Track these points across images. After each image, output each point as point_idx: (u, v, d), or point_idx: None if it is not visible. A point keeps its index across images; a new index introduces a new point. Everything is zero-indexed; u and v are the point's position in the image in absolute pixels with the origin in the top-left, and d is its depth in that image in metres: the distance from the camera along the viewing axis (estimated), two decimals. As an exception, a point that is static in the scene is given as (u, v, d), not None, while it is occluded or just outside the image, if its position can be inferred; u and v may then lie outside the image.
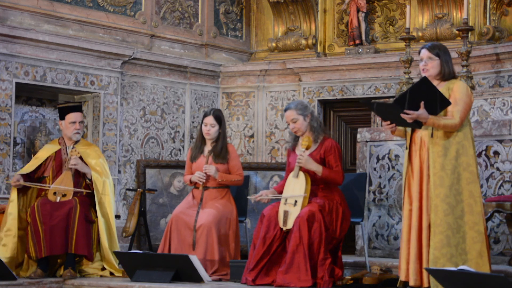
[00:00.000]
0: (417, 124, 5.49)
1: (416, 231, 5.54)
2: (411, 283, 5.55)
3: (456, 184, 5.49)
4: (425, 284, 5.48)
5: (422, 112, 5.41)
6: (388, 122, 5.62)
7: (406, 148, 5.70)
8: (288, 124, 6.55)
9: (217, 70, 9.70)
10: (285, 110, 6.55)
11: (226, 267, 6.72)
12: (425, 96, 5.42)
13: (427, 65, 5.63)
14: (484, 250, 5.48)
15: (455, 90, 5.55)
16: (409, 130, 5.70)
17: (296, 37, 9.62)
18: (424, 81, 5.44)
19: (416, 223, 5.55)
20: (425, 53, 5.66)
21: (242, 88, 9.75)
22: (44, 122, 8.60)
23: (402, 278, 5.64)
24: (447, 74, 5.64)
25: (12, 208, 6.88)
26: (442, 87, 5.59)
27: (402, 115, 5.41)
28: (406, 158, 5.68)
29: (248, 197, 6.91)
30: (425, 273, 5.47)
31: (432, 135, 5.54)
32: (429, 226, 5.49)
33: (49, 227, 6.75)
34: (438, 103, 5.44)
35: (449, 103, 5.47)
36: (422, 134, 5.61)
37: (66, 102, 8.07)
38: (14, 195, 6.92)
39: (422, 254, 5.52)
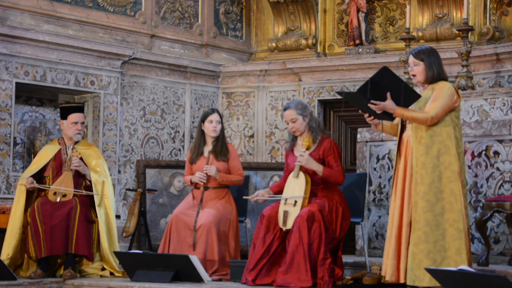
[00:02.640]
0: (387, 116, 5.55)
1: (396, 228, 5.68)
2: (387, 278, 5.70)
3: (437, 182, 5.60)
4: (402, 280, 5.61)
5: (388, 102, 5.51)
6: (367, 115, 5.69)
7: (397, 147, 5.82)
8: (287, 124, 6.54)
9: (217, 70, 9.70)
10: (285, 109, 6.54)
11: (226, 267, 6.73)
12: (390, 87, 5.47)
13: (413, 71, 5.76)
14: (463, 247, 5.56)
15: (437, 89, 5.67)
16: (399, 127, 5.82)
17: (296, 37, 9.62)
18: (384, 70, 5.50)
19: (397, 220, 5.69)
20: (411, 59, 5.77)
21: (242, 88, 9.75)
22: (44, 122, 8.60)
23: (383, 273, 5.80)
24: (430, 77, 5.73)
25: (18, 208, 6.88)
26: (428, 89, 5.72)
27: (370, 105, 5.48)
28: (396, 157, 5.80)
29: (244, 197, 6.91)
30: (402, 270, 5.60)
31: (405, 125, 5.64)
32: (409, 223, 5.61)
33: (50, 227, 6.74)
34: (402, 94, 5.47)
35: (418, 96, 5.57)
36: (408, 133, 5.73)
37: (68, 102, 8.07)
38: (23, 196, 6.91)
39: (401, 251, 5.63)
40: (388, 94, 5.48)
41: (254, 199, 6.58)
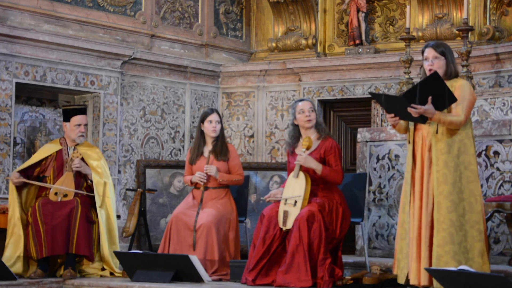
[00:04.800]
0: (421, 119, 5.48)
1: (417, 230, 5.55)
2: (412, 281, 5.56)
3: (458, 182, 5.49)
4: (423, 283, 5.48)
5: (429, 107, 5.39)
6: (392, 115, 5.59)
7: (409, 143, 5.68)
8: (299, 114, 6.47)
9: (217, 70, 9.70)
10: (300, 101, 6.54)
11: (226, 267, 6.73)
12: (434, 92, 5.40)
13: (434, 65, 5.59)
14: (484, 249, 5.49)
15: (458, 88, 5.53)
16: (411, 126, 5.69)
17: (296, 37, 9.62)
18: (435, 76, 5.41)
19: (417, 221, 5.55)
20: (430, 52, 5.61)
21: (242, 88, 9.75)
22: (44, 122, 8.60)
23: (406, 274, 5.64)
24: (453, 73, 5.62)
25: (14, 209, 6.88)
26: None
27: (409, 109, 5.40)
28: (410, 155, 5.67)
29: (262, 198, 6.87)
30: (422, 272, 5.47)
31: (437, 132, 5.53)
32: (429, 224, 5.49)
33: (51, 227, 6.74)
34: (447, 99, 5.43)
35: (456, 100, 5.45)
36: (423, 132, 5.61)
37: (71, 104, 8.07)
38: (13, 195, 6.91)
39: (421, 253, 5.51)
40: (430, 99, 5.38)
41: (268, 200, 6.53)
